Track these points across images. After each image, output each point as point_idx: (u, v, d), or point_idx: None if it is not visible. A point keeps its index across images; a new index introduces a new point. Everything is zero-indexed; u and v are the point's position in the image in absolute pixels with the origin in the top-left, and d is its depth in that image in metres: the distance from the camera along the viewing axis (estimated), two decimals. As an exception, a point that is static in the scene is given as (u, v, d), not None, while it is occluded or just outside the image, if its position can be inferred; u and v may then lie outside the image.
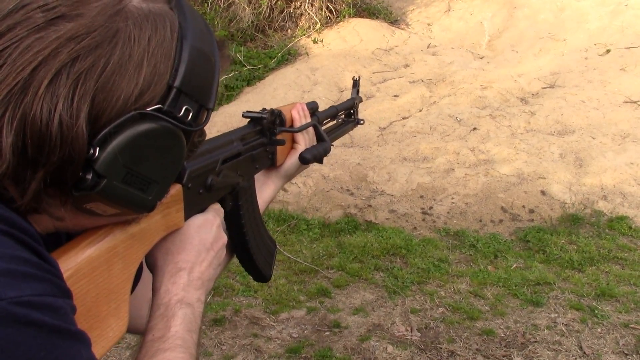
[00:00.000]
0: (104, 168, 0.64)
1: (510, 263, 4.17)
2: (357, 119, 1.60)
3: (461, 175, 5.30)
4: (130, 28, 0.65)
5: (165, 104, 0.68)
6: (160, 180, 0.72)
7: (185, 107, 0.70)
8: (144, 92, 0.66)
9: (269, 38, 8.85)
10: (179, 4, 0.72)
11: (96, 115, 0.63)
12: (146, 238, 0.81)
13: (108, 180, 0.65)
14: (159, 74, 0.67)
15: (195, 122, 0.73)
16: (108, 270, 0.74)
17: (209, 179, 0.92)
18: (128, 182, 0.67)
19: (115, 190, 0.66)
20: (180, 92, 0.69)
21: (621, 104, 6.31)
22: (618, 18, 8.19)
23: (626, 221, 4.63)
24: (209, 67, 0.73)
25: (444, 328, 3.45)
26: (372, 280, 3.99)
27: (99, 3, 0.64)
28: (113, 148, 0.64)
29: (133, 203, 0.70)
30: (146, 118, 0.66)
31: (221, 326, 3.47)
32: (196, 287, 0.87)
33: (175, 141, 0.71)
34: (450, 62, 7.90)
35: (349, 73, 7.52)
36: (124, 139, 0.65)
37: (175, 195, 0.85)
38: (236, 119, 6.59)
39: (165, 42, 0.67)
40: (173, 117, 0.69)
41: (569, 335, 3.36)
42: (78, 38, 0.62)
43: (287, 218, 4.82)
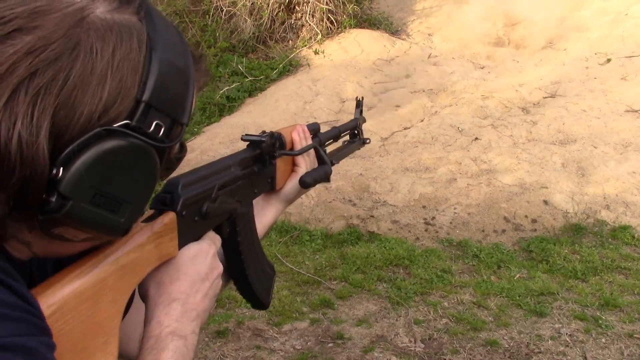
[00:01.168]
0: (69, 189, 0.60)
1: (513, 273, 4.16)
2: (363, 139, 1.57)
3: (463, 185, 5.30)
4: (92, 39, 0.61)
5: (134, 120, 0.64)
6: (133, 200, 0.67)
7: (155, 122, 0.66)
8: (109, 107, 0.62)
9: (270, 49, 8.89)
10: (148, 15, 0.68)
11: (58, 132, 0.59)
12: (137, 269, 0.77)
13: (74, 202, 0.60)
14: (125, 87, 0.63)
15: (168, 137, 0.68)
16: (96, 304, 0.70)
17: (204, 206, 0.89)
18: (97, 203, 0.63)
19: (83, 212, 0.62)
20: (150, 106, 0.65)
21: (622, 113, 6.31)
22: (618, 27, 8.21)
23: (629, 230, 4.62)
24: (181, 80, 0.69)
25: (448, 339, 3.44)
26: (375, 291, 3.98)
27: (59, 14, 0.60)
28: (78, 167, 0.60)
29: (104, 226, 0.65)
30: (113, 134, 0.62)
31: (224, 338, 3.46)
32: (190, 319, 0.83)
33: (146, 158, 0.67)
34: (451, 72, 7.92)
35: (350, 84, 7.54)
36: (90, 157, 0.60)
37: (169, 223, 0.81)
38: (238, 130, 6.60)
39: (131, 54, 0.64)
40: (142, 133, 0.65)
41: (573, 345, 3.34)
42: (36, 51, 0.58)
43: (289, 229, 4.82)
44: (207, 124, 7.30)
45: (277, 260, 4.35)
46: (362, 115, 1.61)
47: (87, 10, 0.62)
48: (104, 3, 0.64)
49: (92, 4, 0.63)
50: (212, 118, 7.47)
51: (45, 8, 0.60)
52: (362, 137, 1.57)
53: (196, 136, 6.84)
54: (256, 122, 6.80)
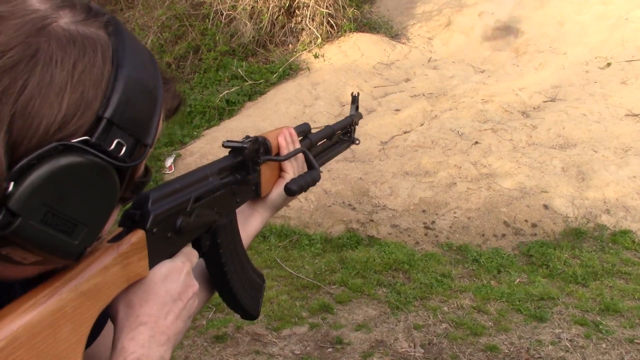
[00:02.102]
0: (19, 205, 0.56)
1: (513, 278, 4.15)
2: (353, 138, 1.51)
3: (463, 189, 5.29)
4: (52, 48, 0.58)
5: (94, 136, 0.60)
6: (89, 222, 0.63)
7: (117, 140, 0.62)
8: (68, 121, 0.59)
9: (270, 53, 8.89)
10: (118, 31, 0.65)
11: (13, 144, 0.56)
12: (101, 294, 0.71)
13: (23, 219, 0.56)
14: (87, 101, 0.60)
15: (130, 158, 0.65)
16: (53, 335, 0.65)
17: (178, 220, 0.83)
18: (48, 222, 0.59)
19: (33, 231, 0.57)
20: (112, 123, 0.61)
21: (623, 117, 6.31)
22: (618, 31, 8.21)
23: (629, 235, 4.61)
24: (148, 99, 0.66)
25: (448, 344, 3.42)
26: (374, 295, 3.96)
27: (19, 21, 0.58)
28: (30, 182, 0.56)
29: (55, 248, 0.61)
30: (70, 150, 0.58)
31: (223, 343, 3.45)
32: (159, 344, 0.77)
33: (105, 178, 0.63)
34: (451, 76, 7.92)
35: (350, 87, 7.54)
36: (44, 172, 0.57)
37: (137, 242, 0.76)
38: (238, 134, 6.60)
39: (94, 67, 0.61)
40: (101, 151, 0.61)
41: (574, 351, 3.33)
42: None
43: (289, 233, 4.81)
44: (207, 127, 7.29)
45: (276, 265, 4.34)
46: (359, 111, 1.55)
47: (50, 19, 0.60)
48: (69, 14, 0.62)
49: (56, 13, 0.61)
50: (211, 122, 7.46)
51: (6, 14, 0.58)
52: (353, 137, 1.52)
53: (196, 140, 6.83)
54: (256, 125, 6.80)
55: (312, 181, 1.16)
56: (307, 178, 1.16)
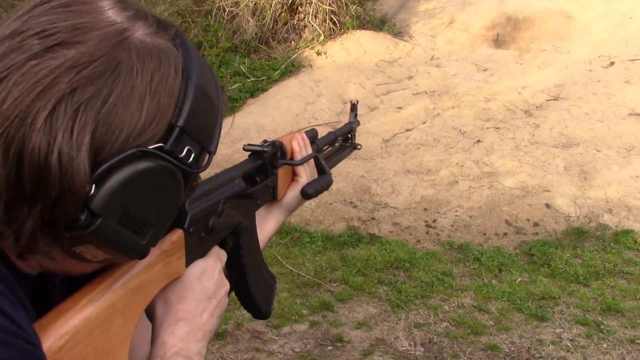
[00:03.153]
0: (100, 206, 0.60)
1: (514, 277, 4.14)
2: (354, 144, 1.57)
3: (465, 187, 5.28)
4: (133, 60, 0.62)
5: (168, 143, 0.64)
6: (156, 223, 0.67)
7: (187, 147, 0.66)
8: (146, 129, 0.62)
9: (272, 50, 8.87)
10: (183, 43, 0.69)
11: (97, 149, 0.59)
12: (147, 291, 0.76)
13: (103, 219, 0.60)
14: (162, 110, 0.63)
15: (196, 164, 0.69)
16: (107, 330, 0.69)
17: (210, 221, 0.87)
18: (123, 223, 0.63)
19: (110, 231, 0.61)
20: (183, 132, 0.65)
21: (626, 117, 6.28)
22: (622, 30, 8.18)
23: (632, 235, 4.59)
24: (212, 109, 0.70)
25: (448, 343, 3.41)
26: (375, 294, 3.96)
27: (101, 32, 0.61)
28: (111, 185, 0.60)
29: (126, 247, 0.65)
30: (147, 156, 0.62)
31: (223, 340, 3.44)
32: (197, 339, 0.82)
33: (175, 183, 0.67)
34: (454, 74, 7.90)
35: (352, 85, 7.52)
36: (123, 176, 0.60)
37: (177, 241, 0.80)
38: (240, 130, 6.59)
39: (169, 78, 0.64)
40: (174, 158, 0.65)
41: (575, 350, 3.32)
42: (78, 67, 0.58)
43: (290, 231, 4.80)
44: (209, 124, 7.28)
45: (277, 262, 4.33)
46: (357, 119, 1.60)
47: (129, 31, 0.63)
48: (143, 26, 0.65)
49: (133, 25, 0.64)
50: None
51: (87, 25, 0.61)
52: (354, 143, 1.57)
53: (197, 136, 6.81)
54: (258, 122, 6.79)
55: (326, 185, 1.23)
56: (322, 182, 1.22)
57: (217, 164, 6.02)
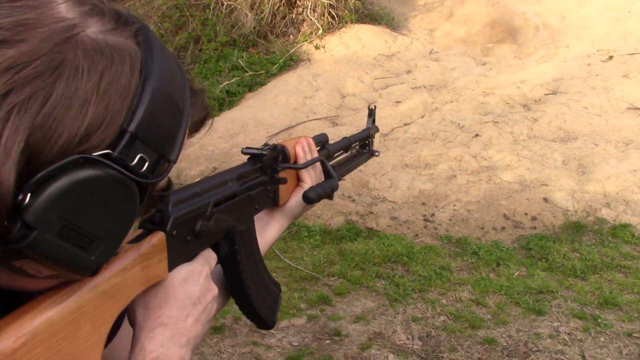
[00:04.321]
0: (35, 218, 0.54)
1: (512, 271, 4.14)
2: (372, 150, 1.52)
3: (463, 182, 5.28)
4: (79, 59, 0.56)
5: (116, 150, 0.58)
6: (106, 238, 0.61)
7: (139, 155, 0.60)
8: (91, 134, 0.57)
9: (271, 44, 8.85)
10: (147, 41, 0.63)
11: (31, 155, 0.54)
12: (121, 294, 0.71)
13: (39, 232, 0.55)
14: (111, 114, 0.58)
15: (153, 173, 0.63)
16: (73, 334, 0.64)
17: (197, 224, 0.84)
18: (65, 237, 0.57)
19: (48, 245, 0.56)
20: (135, 137, 0.59)
21: (624, 111, 6.28)
22: (621, 24, 8.17)
23: (629, 229, 4.60)
24: (174, 113, 0.64)
25: (446, 337, 3.42)
26: (373, 288, 3.96)
27: (46, 29, 0.56)
28: (48, 195, 0.55)
29: (71, 263, 0.59)
30: (91, 163, 0.57)
31: (221, 334, 3.45)
32: (179, 345, 0.77)
33: (125, 193, 0.61)
34: (452, 68, 7.89)
35: (350, 79, 7.51)
36: (62, 185, 0.55)
37: (157, 244, 0.77)
38: (238, 124, 6.58)
39: (121, 79, 0.59)
40: (123, 166, 0.59)
41: (572, 344, 3.33)
42: (16, 67, 0.53)
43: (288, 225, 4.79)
44: (207, 118, 7.27)
45: (275, 256, 4.33)
46: (375, 124, 1.55)
47: (78, 28, 0.58)
48: (98, 23, 0.60)
49: (84, 22, 0.59)
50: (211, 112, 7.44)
51: (32, 22, 0.56)
52: (372, 149, 1.52)
53: (195, 130, 6.81)
54: (256, 116, 6.78)
55: (330, 190, 1.18)
56: (325, 187, 1.17)
57: (215, 158, 6.02)
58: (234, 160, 5.78)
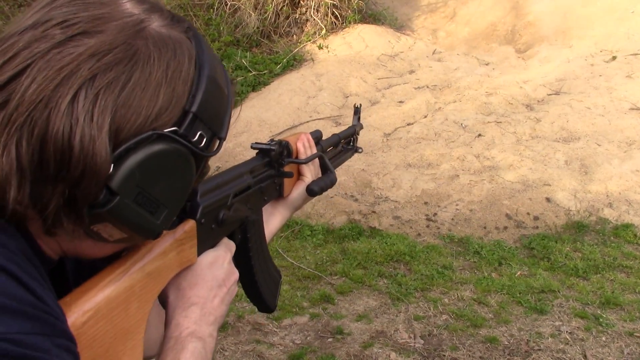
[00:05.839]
0: (118, 185, 0.63)
1: (514, 270, 4.15)
2: (356, 147, 1.63)
3: (466, 181, 5.29)
4: (150, 49, 0.66)
5: (182, 128, 0.68)
6: (169, 204, 0.71)
7: (199, 132, 0.70)
8: (162, 113, 0.66)
9: (274, 44, 8.87)
10: (196, 36, 0.73)
11: (116, 131, 0.63)
12: (161, 276, 0.80)
13: (121, 198, 0.64)
14: (177, 96, 0.67)
15: (207, 149, 0.73)
16: (125, 311, 0.73)
17: (221, 213, 0.92)
18: (139, 202, 0.67)
19: (126, 209, 0.65)
20: (196, 117, 0.69)
21: (627, 111, 6.28)
22: (624, 25, 8.17)
23: (631, 229, 4.60)
24: (223, 97, 0.75)
25: (448, 335, 3.43)
26: (375, 286, 3.98)
27: (119, 22, 0.65)
28: (129, 165, 0.64)
29: (141, 226, 0.68)
30: (162, 139, 0.67)
31: (224, 332, 3.46)
32: (208, 323, 0.87)
33: (187, 166, 0.71)
34: (455, 68, 7.90)
35: (354, 79, 7.52)
36: (140, 157, 0.64)
37: (189, 231, 0.85)
38: (241, 124, 6.60)
39: (183, 67, 0.68)
40: (188, 141, 0.69)
41: (573, 343, 3.34)
42: (99, 54, 0.62)
43: (290, 224, 4.82)
44: (210, 117, 7.29)
45: (278, 255, 4.35)
46: (360, 122, 1.65)
47: (146, 22, 0.67)
48: (159, 18, 0.70)
49: (149, 17, 0.68)
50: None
51: (106, 15, 0.65)
52: (356, 146, 1.62)
53: (199, 130, 6.82)
54: (259, 116, 6.80)
55: (330, 183, 1.28)
56: (326, 180, 1.27)
57: (219, 157, 6.04)
58: (237, 159, 5.80)
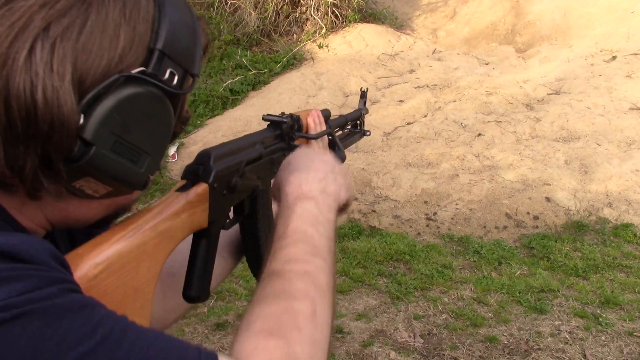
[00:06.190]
0: (91, 134, 0.61)
1: (514, 270, 4.15)
2: (364, 130, 1.60)
3: (466, 181, 5.29)
4: None
5: (149, 67, 0.65)
6: (151, 151, 0.69)
7: (169, 70, 0.67)
8: (126, 54, 0.63)
9: (274, 43, 8.87)
10: None
11: (80, 78, 0.61)
12: (173, 236, 0.78)
13: (97, 148, 0.62)
14: (139, 35, 0.65)
15: (181, 87, 0.70)
16: (136, 268, 0.71)
17: (233, 180, 0.91)
18: (118, 151, 0.64)
19: (105, 160, 0.63)
20: (163, 54, 0.66)
21: (627, 111, 6.29)
22: (624, 24, 8.17)
23: (631, 229, 4.60)
24: (190, 33, 0.71)
25: (447, 334, 3.44)
26: (375, 285, 3.98)
27: None
28: (100, 113, 0.61)
29: (125, 176, 0.66)
30: (131, 81, 0.64)
31: (223, 330, 3.47)
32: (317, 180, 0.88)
33: (163, 107, 0.68)
34: (455, 68, 7.90)
35: (354, 78, 7.52)
36: (111, 103, 0.62)
37: (202, 194, 0.83)
38: (241, 123, 6.60)
39: (141, 5, 0.66)
40: (158, 81, 0.66)
41: (573, 343, 3.34)
42: (50, 3, 0.60)
43: (290, 223, 4.81)
44: (210, 116, 7.30)
45: (277, 254, 4.35)
46: (366, 106, 1.62)
47: None
48: None
49: None
50: (215, 111, 7.47)
51: None
52: (363, 129, 1.59)
53: (199, 129, 6.83)
54: (259, 115, 6.76)
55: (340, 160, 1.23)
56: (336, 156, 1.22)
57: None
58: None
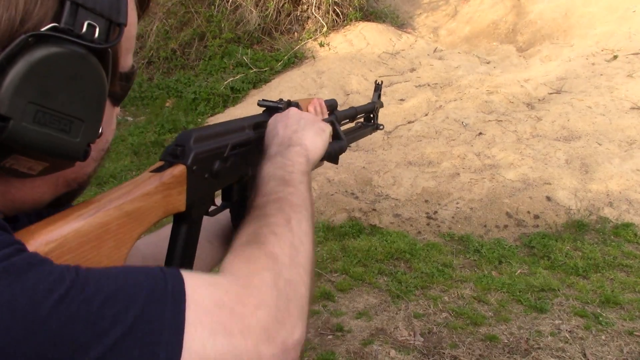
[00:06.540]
0: (6, 107, 0.53)
1: (514, 269, 4.15)
2: (377, 124, 1.56)
3: (466, 180, 5.29)
4: None
5: (61, 22, 0.56)
6: (84, 116, 0.61)
7: (87, 22, 0.58)
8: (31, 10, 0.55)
9: (275, 41, 8.87)
10: None
11: None
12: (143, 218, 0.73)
13: (14, 121, 0.54)
14: None
15: (107, 41, 0.61)
16: (97, 249, 0.66)
17: (215, 164, 0.86)
18: (42, 122, 0.56)
19: (29, 133, 0.55)
20: (76, 5, 0.57)
21: (628, 110, 6.29)
22: (626, 24, 8.17)
23: (632, 228, 4.60)
24: None
25: (447, 333, 3.44)
26: (375, 284, 3.98)
27: None
28: (10, 82, 0.53)
29: (57, 148, 0.59)
30: (42, 41, 0.55)
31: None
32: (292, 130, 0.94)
33: (87, 65, 0.59)
34: (456, 67, 7.90)
35: (355, 77, 7.52)
36: (21, 69, 0.54)
37: (178, 175, 0.79)
38: (242, 122, 6.60)
39: None
40: (74, 36, 0.57)
41: (573, 342, 3.34)
42: None
43: (291, 221, 4.81)
44: (211, 114, 7.30)
45: (278, 252, 4.35)
46: (380, 99, 1.59)
47: None
48: None
49: None
50: (216, 109, 7.47)
51: None
52: (377, 123, 1.55)
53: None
54: (260, 113, 6.80)
55: (339, 149, 1.20)
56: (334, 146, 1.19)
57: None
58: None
